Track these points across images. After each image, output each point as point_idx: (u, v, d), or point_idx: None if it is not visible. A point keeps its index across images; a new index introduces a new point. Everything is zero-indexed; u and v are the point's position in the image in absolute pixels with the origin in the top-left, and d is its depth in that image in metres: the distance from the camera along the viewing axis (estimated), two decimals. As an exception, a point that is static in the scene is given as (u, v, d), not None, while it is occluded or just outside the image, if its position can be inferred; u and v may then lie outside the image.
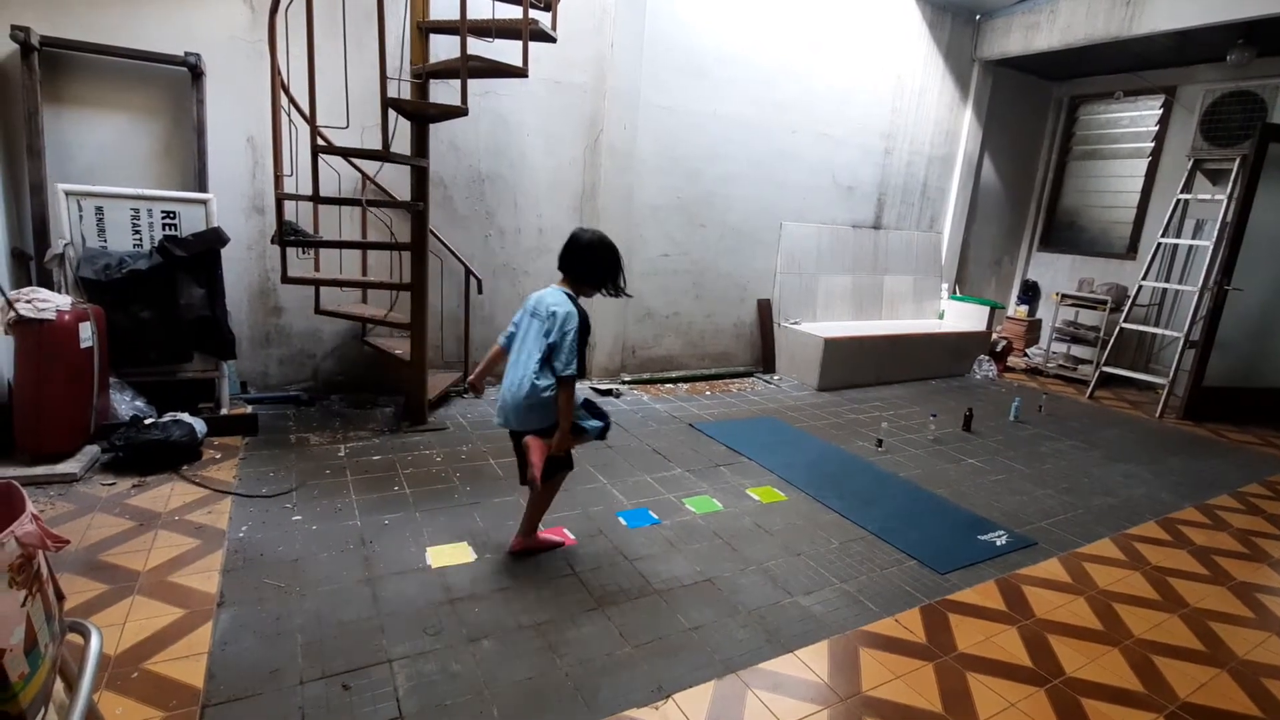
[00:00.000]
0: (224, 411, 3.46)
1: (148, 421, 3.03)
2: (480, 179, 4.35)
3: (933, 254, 6.67)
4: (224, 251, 3.40)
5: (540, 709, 1.76)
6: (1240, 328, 5.18)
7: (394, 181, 3.86)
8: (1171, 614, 2.47)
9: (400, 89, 3.67)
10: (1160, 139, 6.34)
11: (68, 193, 3.10)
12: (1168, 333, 5.72)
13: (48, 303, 2.76)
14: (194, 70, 3.39)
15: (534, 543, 2.51)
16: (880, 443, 4.02)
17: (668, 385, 5.09)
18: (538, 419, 2.28)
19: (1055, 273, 7.20)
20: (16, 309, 2.68)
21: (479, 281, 4.20)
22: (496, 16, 3.34)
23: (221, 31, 3.52)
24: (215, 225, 3.36)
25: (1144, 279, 5.73)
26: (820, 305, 5.93)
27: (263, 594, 2.14)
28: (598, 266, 2.30)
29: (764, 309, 5.69)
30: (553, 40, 3.39)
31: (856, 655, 2.08)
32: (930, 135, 6.28)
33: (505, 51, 3.29)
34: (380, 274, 4.04)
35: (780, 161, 5.45)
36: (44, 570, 1.03)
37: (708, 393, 5.01)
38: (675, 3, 4.69)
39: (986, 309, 6.27)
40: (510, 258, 4.57)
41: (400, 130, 3.46)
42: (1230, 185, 5.37)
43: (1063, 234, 7.25)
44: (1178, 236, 5.79)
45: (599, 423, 2.44)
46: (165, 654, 1.84)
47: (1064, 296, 6.45)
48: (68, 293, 3.05)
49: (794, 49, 5.25)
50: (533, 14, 3.20)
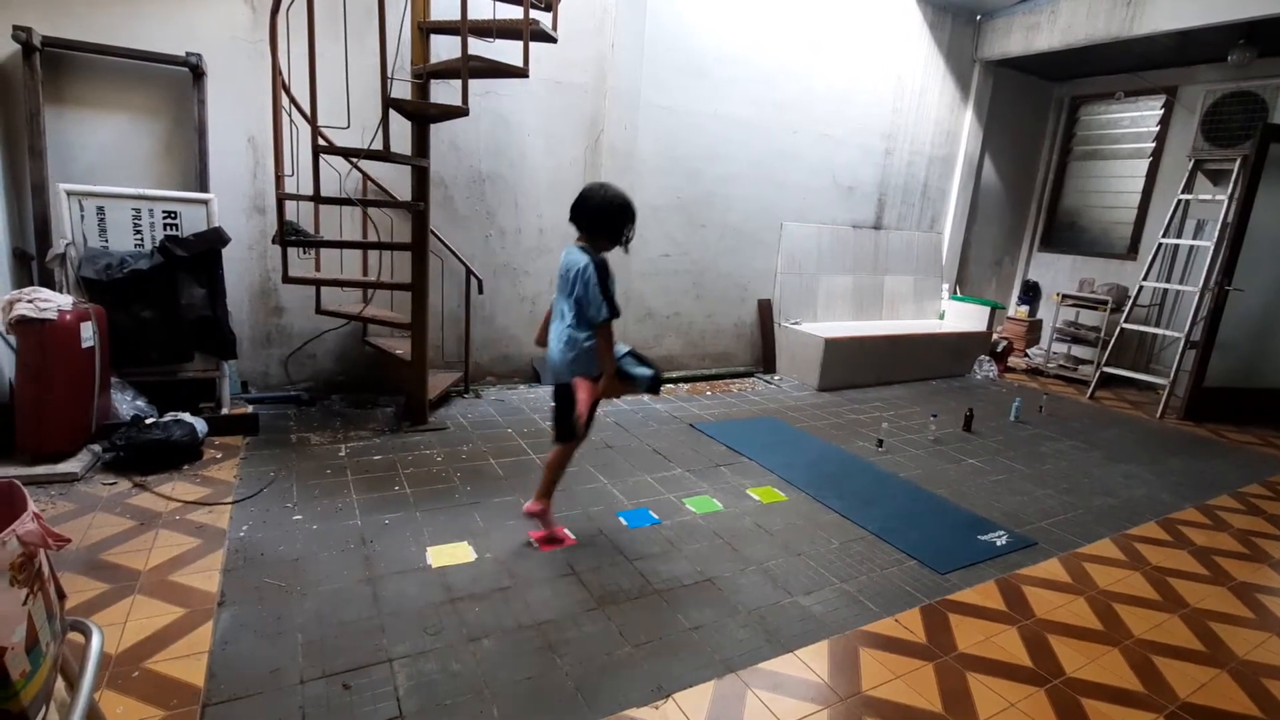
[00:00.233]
0: (225, 411, 3.47)
1: (149, 421, 3.04)
2: (481, 179, 4.36)
3: (933, 254, 6.66)
4: (225, 251, 3.40)
5: (540, 709, 1.76)
6: (1241, 328, 5.18)
7: (395, 182, 3.87)
8: (1172, 614, 2.47)
9: (401, 89, 3.67)
10: (1161, 139, 6.34)
11: (69, 193, 3.11)
12: (1168, 333, 5.71)
13: (49, 302, 2.77)
14: (195, 70, 3.39)
15: (547, 514, 2.58)
16: (881, 443, 4.03)
17: (668, 385, 5.09)
18: (582, 369, 2.38)
19: (1056, 273, 7.20)
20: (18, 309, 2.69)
21: (479, 281, 4.21)
22: (497, 17, 3.34)
23: (223, 31, 3.52)
24: (216, 225, 3.37)
25: (1145, 279, 5.73)
26: (821, 305, 5.93)
27: (263, 593, 2.15)
28: (606, 219, 2.38)
29: (764, 309, 5.69)
30: (553, 40, 3.39)
31: (856, 655, 2.08)
32: (931, 135, 6.28)
33: (506, 52, 3.29)
34: (381, 274, 4.04)
35: (781, 162, 5.45)
36: (45, 569, 1.03)
37: (708, 393, 5.01)
38: (676, 3, 4.69)
39: (987, 309, 6.27)
40: (511, 258, 4.58)
41: (401, 130, 3.47)
42: (1231, 186, 5.36)
43: (1063, 234, 7.24)
44: (1178, 237, 5.79)
45: (648, 370, 2.49)
46: (166, 653, 1.84)
47: (1065, 297, 6.45)
48: (69, 292, 3.06)
49: (794, 49, 5.25)
50: (533, 14, 3.20)
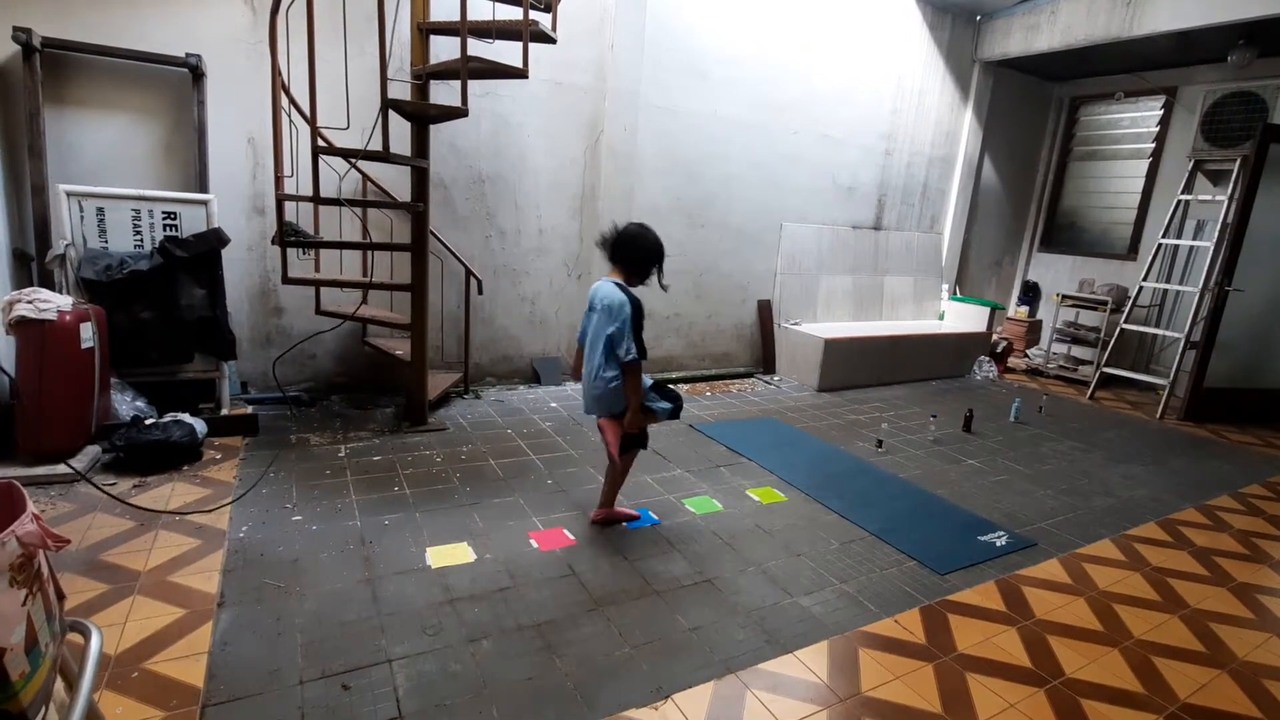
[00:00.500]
0: (224, 412, 3.47)
1: (148, 422, 3.04)
2: (480, 180, 4.36)
3: (933, 255, 6.67)
4: (225, 252, 3.40)
5: (540, 709, 1.76)
6: (1241, 329, 5.18)
7: (395, 182, 3.87)
8: (1172, 615, 2.47)
9: (401, 90, 3.67)
10: (1161, 140, 6.34)
11: (69, 193, 3.11)
12: (1168, 334, 5.71)
13: (49, 303, 2.77)
14: (195, 71, 3.39)
15: (613, 514, 2.79)
16: (880, 443, 4.02)
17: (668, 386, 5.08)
18: (608, 405, 2.54)
19: (1056, 273, 7.20)
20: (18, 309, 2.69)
21: (479, 282, 4.21)
22: (497, 18, 3.34)
23: (223, 32, 3.52)
24: (216, 226, 3.37)
25: (1145, 280, 5.73)
26: (821, 306, 5.93)
27: (263, 594, 2.15)
28: (646, 256, 2.53)
29: (764, 310, 5.69)
30: (553, 41, 3.39)
31: (856, 656, 2.08)
32: (931, 136, 6.28)
33: (505, 53, 3.29)
34: (381, 275, 4.04)
35: (781, 163, 5.45)
36: (44, 570, 1.03)
37: (708, 393, 5.01)
38: (676, 4, 4.69)
39: (987, 310, 6.27)
40: (510, 258, 4.58)
41: (401, 131, 3.47)
42: (1231, 186, 5.37)
43: (1063, 235, 7.24)
44: (1178, 237, 5.79)
45: (668, 404, 2.64)
46: (165, 654, 1.84)
47: (1064, 297, 6.45)
48: (69, 293, 3.06)
49: (794, 50, 5.26)
50: (533, 15, 3.20)
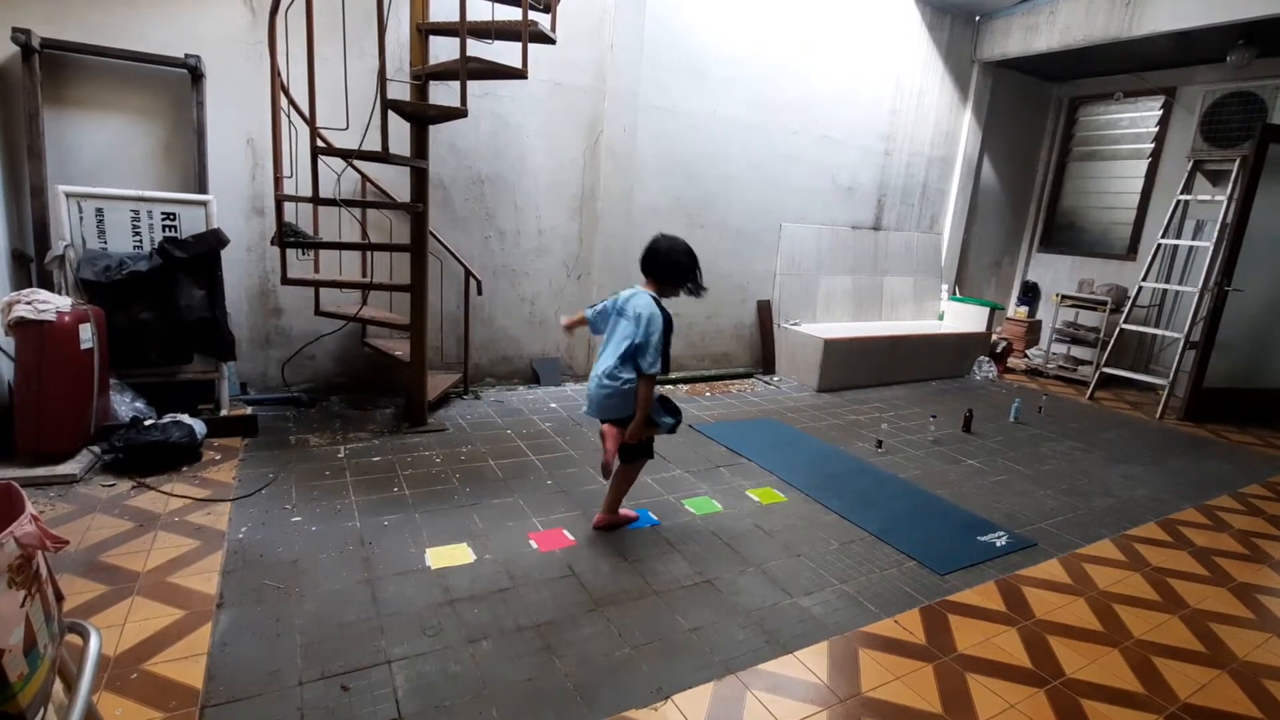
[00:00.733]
0: (224, 413, 3.47)
1: (147, 423, 3.03)
2: (480, 180, 4.36)
3: (932, 255, 6.67)
4: (224, 253, 3.40)
5: (539, 710, 1.76)
6: (1240, 329, 5.18)
7: (394, 183, 3.87)
8: (1172, 615, 2.47)
9: (400, 90, 3.67)
10: (1160, 140, 6.34)
11: (68, 194, 3.10)
12: (1168, 334, 5.72)
13: (48, 304, 2.76)
14: (194, 72, 3.39)
15: (616, 519, 2.78)
16: (880, 444, 4.02)
17: (667, 386, 5.08)
18: (616, 408, 2.50)
19: (1055, 274, 7.20)
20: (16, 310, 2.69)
21: (479, 283, 4.21)
22: (496, 18, 3.34)
23: (222, 33, 3.52)
24: (215, 227, 3.36)
25: (1144, 280, 5.73)
26: (820, 306, 5.93)
27: (262, 595, 2.14)
28: (677, 269, 2.54)
29: (764, 310, 5.69)
30: (552, 42, 3.39)
31: (856, 656, 2.08)
32: (930, 136, 6.28)
33: (505, 53, 3.29)
34: (380, 275, 4.04)
35: (780, 163, 5.45)
36: (43, 571, 1.03)
37: (707, 394, 5.01)
38: (675, 4, 4.69)
39: (986, 310, 6.27)
40: (510, 259, 4.57)
41: (400, 132, 3.47)
42: (1230, 186, 5.37)
43: (1063, 235, 7.24)
44: (1178, 237, 5.79)
45: (671, 419, 2.62)
46: (164, 655, 1.84)
47: (1064, 297, 6.45)
48: (68, 294, 3.05)
49: (793, 51, 5.26)
50: (532, 16, 3.20)
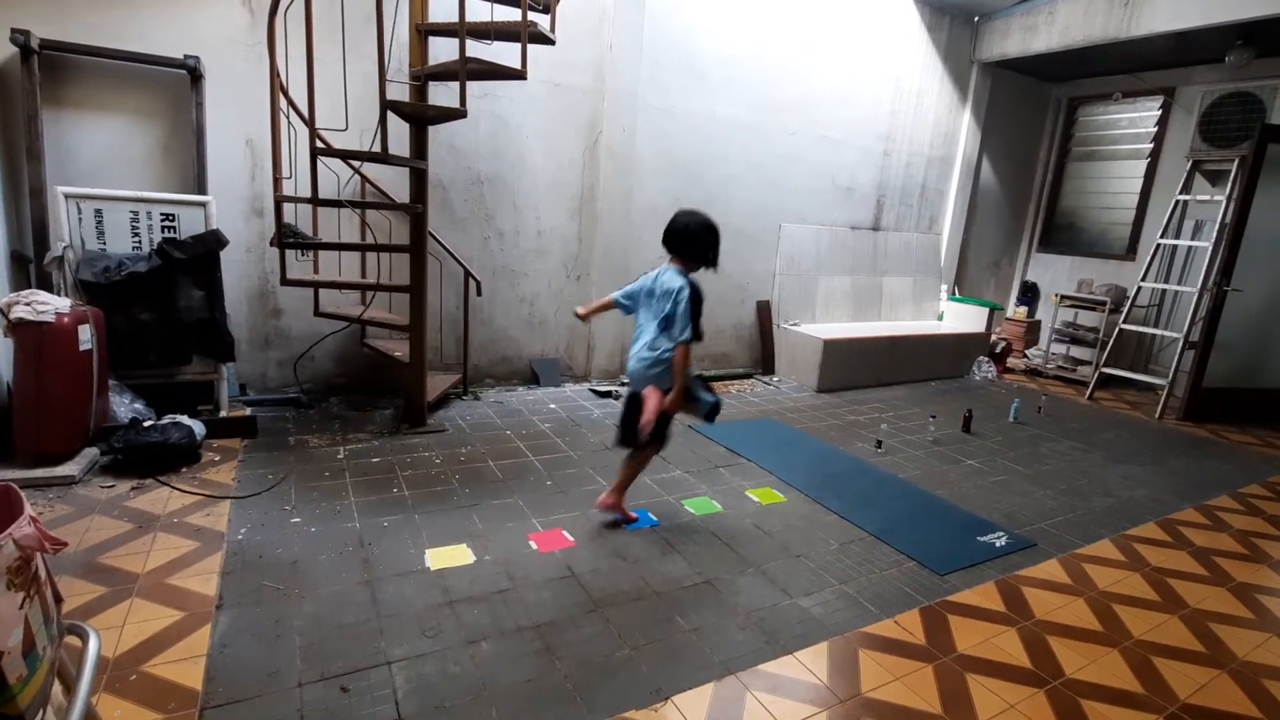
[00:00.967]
0: (223, 414, 3.47)
1: (147, 424, 3.03)
2: (479, 181, 4.36)
3: (932, 255, 6.67)
4: (223, 254, 3.40)
5: (539, 711, 1.76)
6: (1240, 329, 5.18)
7: (393, 184, 3.87)
8: (1171, 615, 2.47)
9: (399, 91, 3.67)
10: (1159, 140, 6.35)
11: (67, 195, 3.10)
12: (1167, 334, 5.72)
13: (47, 305, 2.76)
14: (193, 73, 3.39)
15: (620, 507, 2.79)
16: (880, 444, 4.02)
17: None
18: (657, 378, 2.58)
19: (1054, 274, 7.21)
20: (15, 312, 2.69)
21: (478, 283, 4.20)
22: (495, 19, 3.34)
23: (221, 34, 3.52)
24: (214, 227, 3.36)
25: (1143, 280, 5.73)
26: (820, 307, 5.93)
27: (261, 596, 2.14)
28: (694, 242, 2.63)
29: (763, 310, 5.69)
30: (551, 43, 3.39)
31: (856, 657, 2.08)
32: (929, 137, 6.28)
33: (504, 54, 3.29)
34: (380, 276, 4.04)
35: (779, 163, 5.46)
36: (42, 572, 1.03)
37: (707, 394, 5.00)
38: (675, 5, 4.70)
39: (986, 310, 6.27)
40: (509, 259, 4.57)
41: (399, 132, 3.47)
42: (1229, 186, 5.38)
43: (1062, 235, 7.25)
44: (1177, 237, 5.79)
45: (712, 398, 2.69)
46: (164, 656, 1.84)
47: (1063, 297, 6.45)
48: (67, 295, 3.05)
49: (793, 51, 5.26)
50: (531, 16, 3.20)
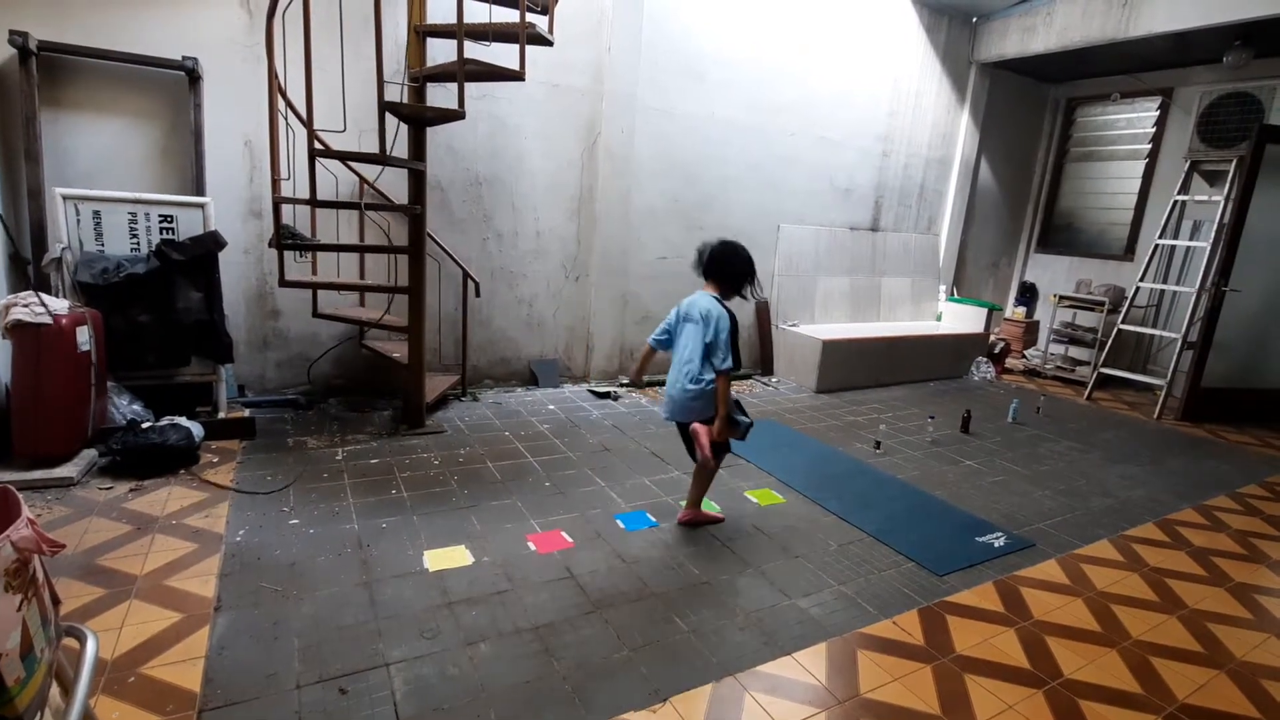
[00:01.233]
0: (221, 415, 3.46)
1: (145, 425, 3.03)
2: (478, 182, 4.36)
3: (930, 256, 6.67)
4: (221, 255, 3.40)
5: (538, 712, 1.76)
6: (1238, 329, 5.19)
7: (392, 185, 3.87)
8: (1170, 615, 2.47)
9: (398, 93, 3.67)
10: (1157, 140, 6.35)
11: (65, 197, 3.10)
12: (1165, 334, 5.72)
13: (45, 307, 2.76)
14: (191, 74, 3.39)
15: (699, 516, 2.87)
16: (878, 445, 4.02)
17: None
18: (700, 409, 2.63)
19: (1053, 274, 7.21)
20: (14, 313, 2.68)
21: (476, 285, 4.21)
22: (493, 20, 3.34)
23: (219, 35, 3.52)
24: (212, 229, 3.36)
25: (1141, 280, 5.74)
26: (818, 307, 5.93)
27: (260, 598, 2.14)
28: (737, 274, 2.65)
29: (762, 311, 5.69)
30: (550, 44, 3.39)
31: (854, 658, 2.08)
32: (927, 138, 6.29)
33: (502, 55, 3.29)
34: (378, 277, 4.04)
35: (778, 164, 5.46)
36: (40, 574, 1.03)
37: (706, 395, 5.00)
38: (673, 6, 4.70)
39: (984, 310, 6.27)
40: (508, 261, 4.57)
41: (398, 133, 3.47)
42: (1227, 186, 5.38)
43: (1060, 235, 7.25)
44: (1175, 238, 5.80)
45: (747, 420, 2.73)
46: (162, 658, 1.84)
47: (1062, 298, 6.46)
48: (65, 297, 3.05)
49: (791, 52, 5.27)
50: (530, 18, 3.20)
